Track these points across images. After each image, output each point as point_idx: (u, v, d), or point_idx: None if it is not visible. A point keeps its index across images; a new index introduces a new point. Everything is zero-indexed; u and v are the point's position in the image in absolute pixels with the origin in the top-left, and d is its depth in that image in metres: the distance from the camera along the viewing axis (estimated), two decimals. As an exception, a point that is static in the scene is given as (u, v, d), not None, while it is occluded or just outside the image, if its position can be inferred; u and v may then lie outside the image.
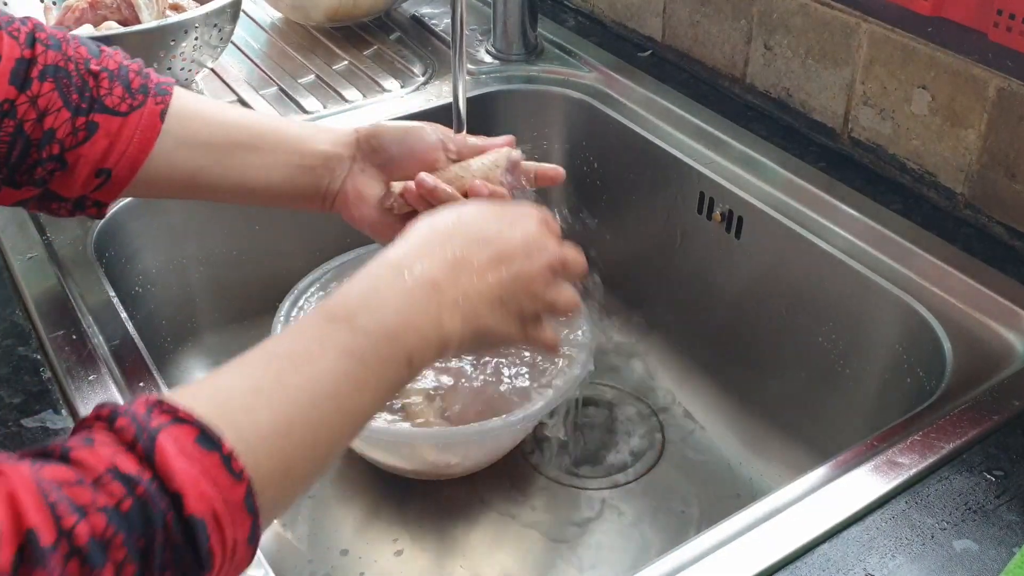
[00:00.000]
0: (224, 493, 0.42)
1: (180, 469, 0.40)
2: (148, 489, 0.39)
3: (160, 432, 0.41)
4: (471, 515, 0.93)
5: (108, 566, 0.38)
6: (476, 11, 1.29)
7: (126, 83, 0.66)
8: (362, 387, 0.50)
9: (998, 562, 0.60)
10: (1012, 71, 0.83)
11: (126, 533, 0.38)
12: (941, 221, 0.91)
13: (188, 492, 0.40)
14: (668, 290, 1.10)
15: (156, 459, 0.40)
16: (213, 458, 0.42)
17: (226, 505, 0.41)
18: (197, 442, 0.42)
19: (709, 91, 1.12)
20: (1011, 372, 0.75)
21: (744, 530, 0.62)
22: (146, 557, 0.39)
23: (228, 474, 0.42)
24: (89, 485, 0.39)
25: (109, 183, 0.67)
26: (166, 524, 0.40)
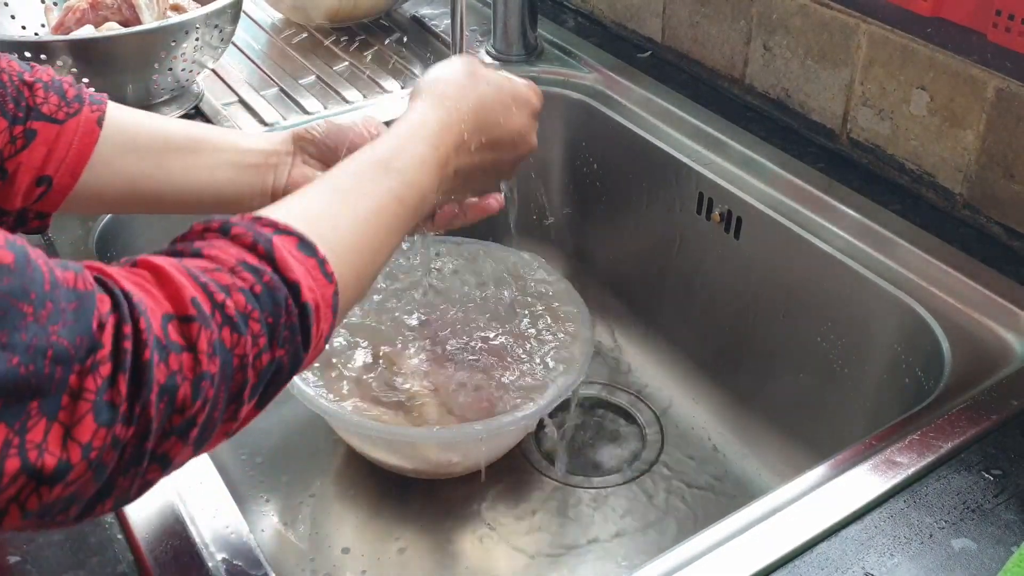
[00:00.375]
0: (321, 290, 0.50)
1: (294, 266, 0.48)
2: (272, 278, 0.47)
3: (273, 236, 0.49)
4: (471, 514, 0.93)
5: (248, 335, 0.46)
6: (476, 12, 1.30)
7: (60, 92, 0.66)
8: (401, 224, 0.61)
9: (996, 561, 0.60)
10: (1011, 72, 0.83)
11: (260, 310, 0.46)
12: (940, 221, 0.91)
13: (303, 283, 0.48)
14: (667, 290, 1.10)
15: (276, 256, 0.48)
16: (312, 261, 0.50)
17: (323, 300, 0.50)
18: (298, 248, 0.50)
19: (708, 92, 1.12)
20: (1009, 372, 0.75)
21: (743, 529, 0.62)
22: (273, 332, 0.47)
23: (323, 275, 0.50)
24: (227, 272, 0.47)
25: (51, 192, 0.66)
26: (288, 307, 0.48)
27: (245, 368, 0.46)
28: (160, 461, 0.44)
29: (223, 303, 0.45)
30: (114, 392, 0.40)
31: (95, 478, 0.41)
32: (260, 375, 0.47)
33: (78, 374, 0.39)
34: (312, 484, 0.96)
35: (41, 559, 0.59)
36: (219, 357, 0.44)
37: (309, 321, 0.49)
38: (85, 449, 0.40)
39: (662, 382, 1.09)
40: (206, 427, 0.45)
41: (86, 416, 0.39)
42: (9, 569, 0.59)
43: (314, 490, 0.95)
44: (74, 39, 0.97)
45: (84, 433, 0.39)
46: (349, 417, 0.84)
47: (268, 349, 0.47)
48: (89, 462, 0.40)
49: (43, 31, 1.10)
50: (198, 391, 0.43)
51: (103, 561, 0.59)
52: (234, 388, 0.46)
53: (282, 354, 0.48)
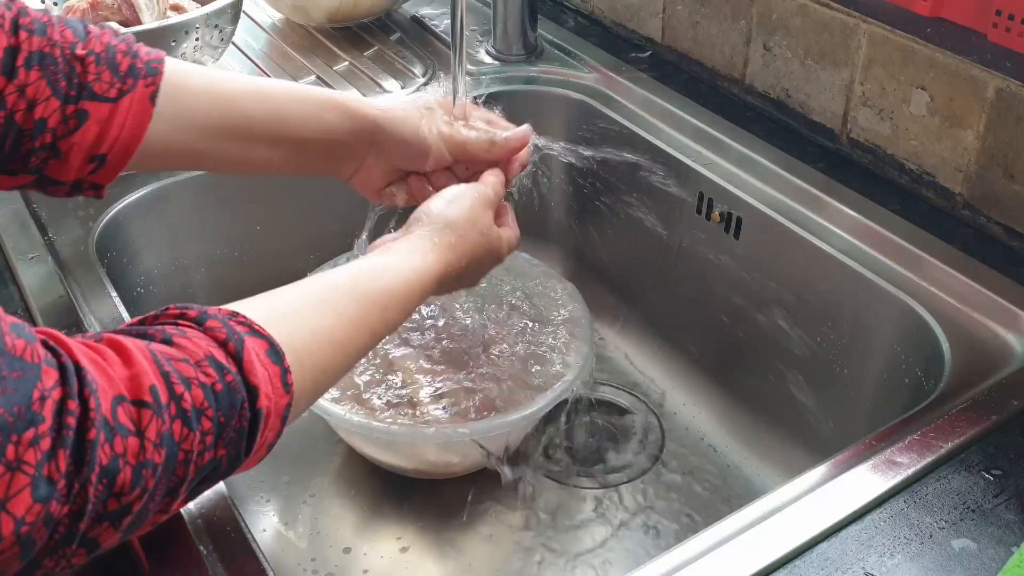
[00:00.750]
0: (276, 399, 0.50)
1: (258, 371, 0.49)
2: (235, 379, 0.47)
3: (245, 338, 0.49)
4: (472, 514, 0.93)
5: (198, 431, 0.45)
6: (476, 12, 1.30)
7: (113, 66, 0.64)
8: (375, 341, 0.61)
9: (996, 561, 0.60)
10: (1011, 72, 0.83)
11: (215, 409, 0.46)
12: (940, 221, 0.91)
13: (262, 389, 0.48)
14: (667, 290, 1.10)
15: (244, 358, 0.48)
16: (276, 369, 0.50)
17: (275, 409, 0.50)
18: (267, 353, 0.50)
19: (708, 92, 1.12)
20: (1009, 372, 0.75)
21: (743, 529, 0.62)
22: (221, 432, 0.47)
23: (282, 385, 0.50)
24: (192, 364, 0.46)
25: (104, 167, 0.66)
26: (241, 410, 0.48)
27: (188, 463, 0.46)
28: (88, 545, 0.43)
29: (181, 395, 0.45)
30: (52, 468, 0.39)
31: (21, 554, 0.40)
32: (199, 471, 0.47)
33: (15, 444, 0.38)
34: (312, 484, 0.96)
35: (41, 559, 0.59)
36: (165, 449, 0.44)
37: (257, 427, 0.49)
38: (18, 523, 0.39)
39: (662, 382, 1.09)
40: (140, 516, 0.45)
41: (23, 490, 0.38)
42: (9, 569, 0.59)
43: (314, 490, 0.95)
44: (74, 39, 0.97)
45: (18, 507, 0.38)
46: (349, 417, 0.84)
47: (212, 448, 0.47)
48: (18, 536, 0.39)
49: (43, 31, 1.10)
50: (139, 478, 0.43)
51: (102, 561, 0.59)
52: (174, 481, 0.46)
53: (223, 454, 0.48)
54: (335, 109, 0.74)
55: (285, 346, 0.51)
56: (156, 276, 1.00)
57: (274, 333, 0.51)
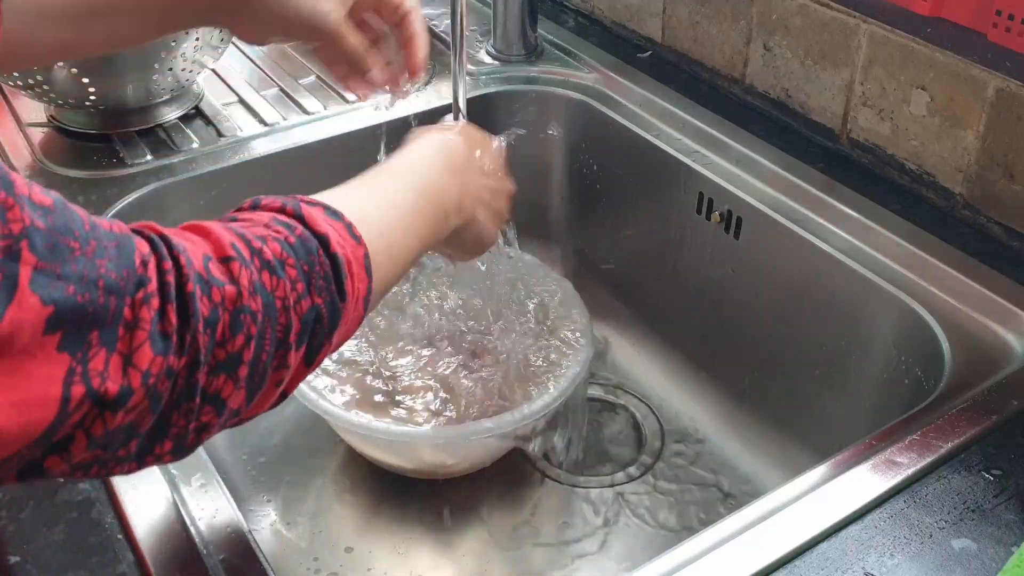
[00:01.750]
0: (351, 249, 0.52)
1: (322, 223, 0.51)
2: (303, 231, 0.50)
3: (301, 203, 0.52)
4: (471, 514, 0.93)
5: (286, 279, 0.48)
6: (476, 12, 1.30)
7: None
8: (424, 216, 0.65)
9: (996, 561, 0.60)
10: (1011, 72, 0.83)
11: (295, 258, 0.49)
12: (940, 221, 0.91)
13: (331, 236, 0.51)
14: (667, 290, 1.10)
15: (304, 216, 0.51)
16: (339, 224, 0.53)
17: (354, 258, 0.52)
18: (326, 214, 0.53)
19: (708, 92, 1.12)
20: (1009, 372, 0.75)
21: (743, 529, 0.62)
22: (309, 279, 0.49)
23: (351, 236, 0.53)
24: (261, 227, 0.50)
25: None
26: (319, 257, 0.50)
27: (288, 310, 0.48)
28: (213, 402, 0.46)
29: (260, 249, 0.48)
30: (165, 323, 0.42)
31: (152, 407, 0.43)
32: (303, 321, 0.49)
33: (130, 306, 0.41)
34: (312, 484, 0.96)
35: (41, 559, 0.59)
36: (260, 296, 0.47)
37: (342, 272, 0.51)
38: (145, 375, 0.41)
39: (662, 382, 1.09)
40: (255, 368, 0.47)
41: (144, 345, 0.41)
42: (9, 569, 0.59)
43: (314, 490, 0.95)
44: (74, 39, 0.97)
45: (143, 361, 0.41)
46: (349, 417, 0.84)
47: (307, 295, 0.49)
48: (148, 388, 0.42)
49: (43, 31, 1.10)
50: (238, 323, 0.45)
51: (103, 561, 0.59)
52: (280, 331, 0.48)
53: (320, 302, 0.50)
54: None
55: (341, 207, 0.54)
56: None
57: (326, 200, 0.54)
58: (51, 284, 0.38)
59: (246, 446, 0.99)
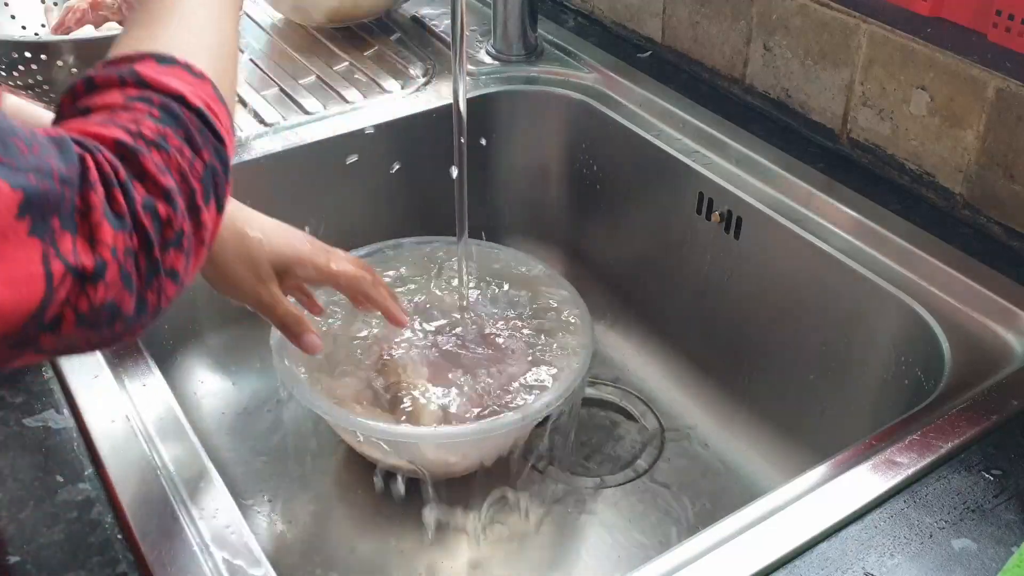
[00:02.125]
0: (202, 91, 0.51)
1: (166, 78, 0.50)
2: (160, 99, 0.49)
3: (133, 66, 0.50)
4: (472, 514, 0.93)
5: (173, 151, 0.48)
6: (476, 12, 1.30)
7: None
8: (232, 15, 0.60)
9: (996, 561, 0.60)
10: (1011, 72, 0.83)
11: (170, 128, 0.49)
12: (939, 221, 0.91)
13: (183, 90, 0.50)
14: (667, 290, 1.10)
15: (146, 80, 0.50)
16: (176, 69, 0.51)
17: (208, 98, 0.51)
18: (160, 63, 0.51)
19: (708, 92, 1.12)
20: (1009, 372, 0.75)
21: (743, 529, 0.62)
22: (191, 141, 0.49)
23: (194, 77, 0.51)
24: (121, 111, 0.49)
25: None
26: (186, 116, 0.50)
27: (187, 179, 0.49)
28: (171, 275, 0.48)
29: (139, 132, 0.48)
30: (115, 204, 0.45)
31: (127, 286, 0.45)
32: (202, 181, 0.50)
33: (81, 195, 0.44)
34: (312, 484, 0.96)
35: (41, 559, 0.59)
36: (168, 174, 0.48)
37: (209, 120, 0.51)
38: (112, 250, 0.44)
39: (662, 382, 1.09)
40: (191, 237, 0.49)
41: (102, 224, 0.44)
42: (9, 569, 0.59)
43: (314, 490, 0.95)
44: (74, 39, 0.97)
45: (106, 236, 0.44)
46: (349, 417, 0.84)
47: (196, 157, 0.50)
48: (119, 264, 0.45)
49: (43, 31, 1.10)
50: (172, 203, 0.48)
51: (103, 561, 0.59)
52: (188, 198, 0.49)
53: (208, 158, 0.51)
54: None
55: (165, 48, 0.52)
56: (156, 276, 1.00)
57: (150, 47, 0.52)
58: (13, 173, 0.41)
59: (246, 446, 0.99)
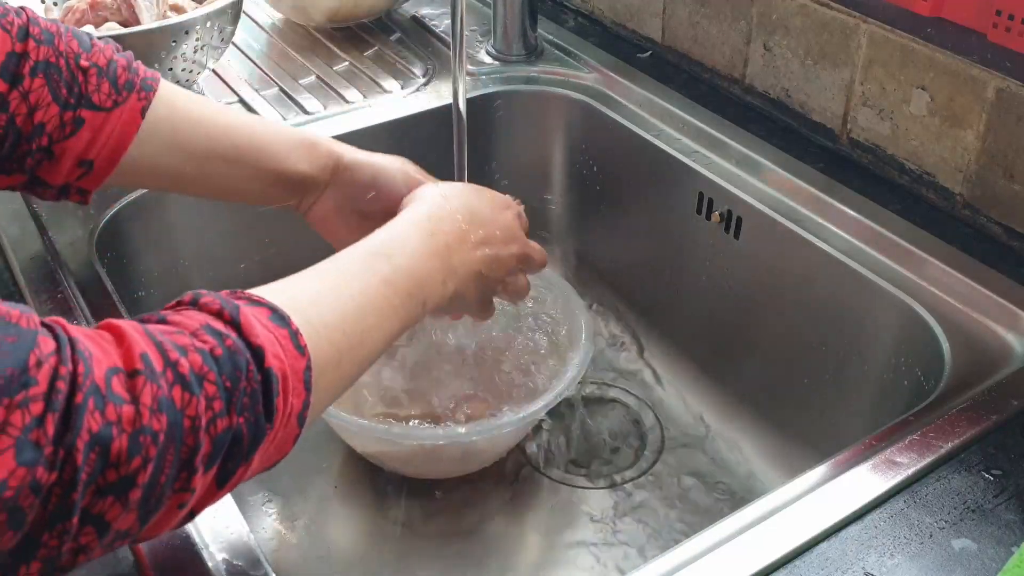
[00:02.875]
0: (291, 361, 0.48)
1: (260, 332, 0.48)
2: (235, 342, 0.46)
3: (241, 306, 0.49)
4: (472, 514, 0.93)
5: (202, 396, 0.44)
6: (476, 12, 1.30)
7: (113, 79, 0.68)
8: (394, 311, 0.60)
9: (996, 561, 0.60)
10: (1011, 72, 0.83)
11: (217, 373, 0.45)
12: (940, 221, 0.91)
13: (267, 349, 0.47)
14: (667, 290, 1.10)
15: (241, 322, 0.47)
16: (283, 332, 0.49)
17: (292, 372, 0.48)
18: (270, 319, 0.49)
19: (708, 92, 1.12)
20: (1009, 372, 0.75)
21: (743, 529, 0.62)
22: (230, 397, 0.45)
23: (294, 347, 0.49)
24: (187, 335, 0.46)
25: (91, 173, 0.69)
26: (248, 372, 0.46)
27: (197, 431, 0.44)
28: (95, 523, 0.42)
29: (176, 361, 0.44)
30: (40, 432, 0.39)
31: (10, 523, 0.39)
32: (215, 442, 0.45)
33: (4, 407, 0.38)
34: (312, 484, 0.96)
35: (41, 559, 0.59)
36: (166, 415, 0.43)
37: (273, 390, 0.47)
38: (1, 487, 0.38)
39: (662, 382, 1.09)
40: (151, 491, 0.43)
41: (6, 452, 0.38)
42: (9, 569, 0.59)
43: (314, 490, 0.95)
44: (74, 39, 0.97)
45: (1, 471, 0.38)
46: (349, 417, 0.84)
47: (225, 414, 0.45)
48: (3, 501, 0.38)
49: (43, 31, 1.10)
50: (136, 446, 0.42)
51: (103, 561, 0.59)
52: (184, 452, 0.44)
53: (241, 421, 0.46)
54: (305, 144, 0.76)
55: (290, 310, 0.50)
56: (156, 276, 1.00)
57: (275, 300, 0.51)
58: None
59: (246, 446, 0.98)
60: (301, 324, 0.50)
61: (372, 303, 0.58)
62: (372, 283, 0.59)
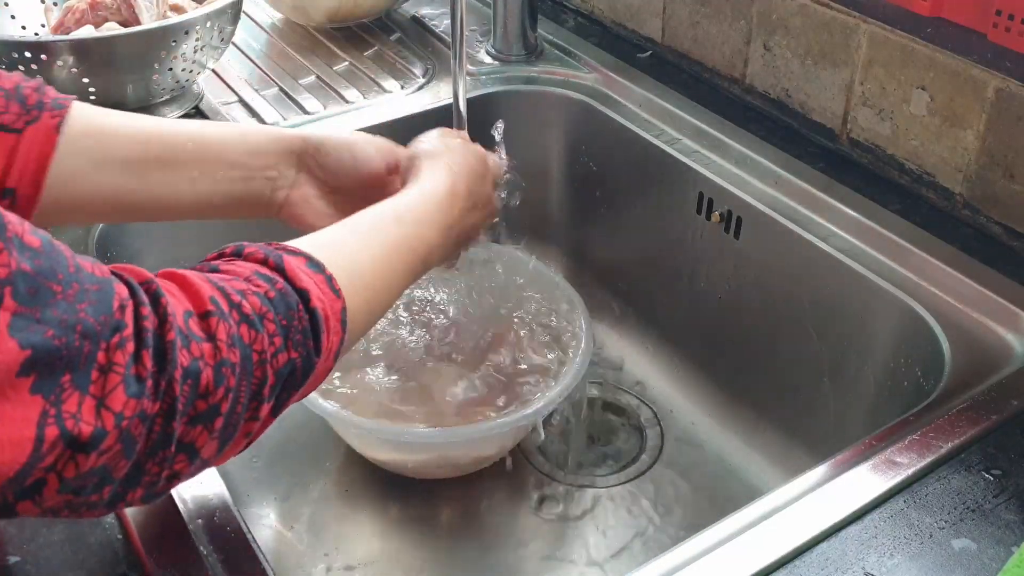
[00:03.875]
0: (330, 303, 0.53)
1: (303, 277, 0.52)
2: (284, 286, 0.51)
3: (283, 254, 0.53)
4: (471, 514, 0.93)
5: (264, 333, 0.48)
6: (476, 12, 1.30)
7: (22, 100, 0.63)
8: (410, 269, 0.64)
9: (996, 561, 0.60)
10: (1011, 72, 0.83)
11: (274, 312, 0.49)
12: (939, 221, 0.91)
13: (311, 291, 0.51)
14: (667, 290, 1.10)
15: (286, 268, 0.51)
16: (320, 277, 0.53)
17: (332, 312, 0.53)
18: (307, 265, 0.53)
19: (708, 92, 1.12)
20: (1009, 372, 0.75)
21: (743, 529, 0.62)
22: (287, 333, 0.50)
23: (331, 290, 0.53)
24: (242, 280, 0.50)
25: (17, 203, 0.63)
26: (299, 312, 0.50)
27: (264, 364, 0.48)
28: (187, 451, 0.46)
29: (239, 303, 0.48)
30: (140, 367, 0.43)
31: (125, 451, 0.43)
32: (277, 375, 0.49)
33: (105, 350, 0.42)
34: (312, 484, 0.96)
35: (41, 559, 0.59)
36: (239, 349, 0.47)
37: (319, 327, 0.51)
38: (118, 417, 0.42)
39: (661, 382, 1.09)
40: (230, 419, 0.47)
41: (117, 388, 0.42)
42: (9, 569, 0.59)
43: (314, 490, 0.95)
44: (74, 39, 0.97)
45: (116, 403, 0.42)
46: (349, 417, 0.84)
47: (284, 349, 0.49)
48: (121, 431, 0.42)
49: (43, 31, 1.10)
50: (220, 377, 0.46)
51: (103, 561, 0.59)
52: (255, 384, 0.48)
53: (296, 356, 0.50)
54: (260, 132, 0.74)
55: (324, 259, 0.54)
56: (156, 276, 1.00)
57: (310, 250, 0.54)
58: (30, 327, 0.39)
59: (246, 446, 0.98)
60: (335, 271, 0.54)
61: (393, 260, 0.62)
62: (395, 242, 0.63)
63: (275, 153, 0.72)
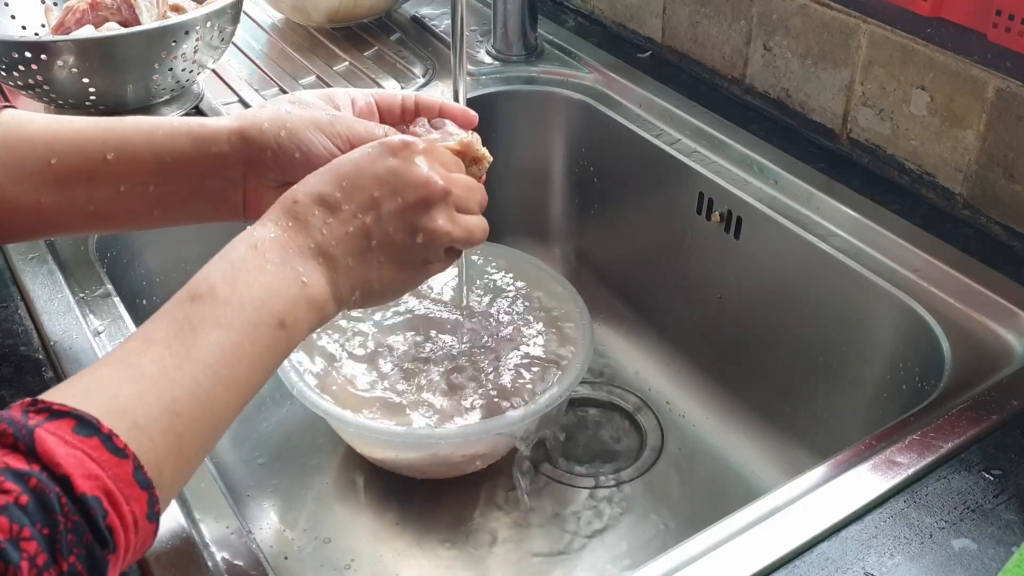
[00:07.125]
0: (111, 471, 0.43)
1: (63, 455, 0.42)
2: (39, 480, 0.41)
3: (37, 428, 0.42)
4: (471, 514, 0.93)
5: (24, 561, 0.39)
6: (476, 12, 1.30)
7: None
8: (238, 354, 0.51)
9: (996, 561, 0.60)
10: (1011, 72, 0.83)
11: (30, 526, 0.40)
12: (940, 221, 0.91)
13: (74, 474, 0.42)
14: (667, 290, 1.10)
15: (39, 451, 0.42)
16: (93, 441, 0.43)
17: (116, 482, 0.43)
18: (75, 431, 0.43)
19: (708, 92, 1.12)
20: (1009, 372, 0.75)
21: (743, 529, 0.62)
22: (53, 544, 0.41)
23: (111, 453, 0.44)
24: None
25: None
26: (62, 508, 0.41)
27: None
28: None
29: None
30: None
31: None
32: None
33: None
34: (312, 484, 0.96)
35: (41, 559, 0.59)
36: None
37: (95, 515, 0.42)
38: None
39: (662, 382, 1.09)
40: None
41: None
42: (9, 569, 0.58)
43: (314, 490, 0.95)
44: (74, 39, 0.97)
45: None
46: (349, 417, 0.84)
47: (52, 564, 0.41)
48: None
49: (43, 31, 1.10)
50: None
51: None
52: None
53: (72, 560, 0.41)
54: (187, 134, 0.63)
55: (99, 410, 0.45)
56: (156, 276, 1.00)
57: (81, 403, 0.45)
58: None
59: (246, 446, 0.99)
60: (115, 422, 0.44)
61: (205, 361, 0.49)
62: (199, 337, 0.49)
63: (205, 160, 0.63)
